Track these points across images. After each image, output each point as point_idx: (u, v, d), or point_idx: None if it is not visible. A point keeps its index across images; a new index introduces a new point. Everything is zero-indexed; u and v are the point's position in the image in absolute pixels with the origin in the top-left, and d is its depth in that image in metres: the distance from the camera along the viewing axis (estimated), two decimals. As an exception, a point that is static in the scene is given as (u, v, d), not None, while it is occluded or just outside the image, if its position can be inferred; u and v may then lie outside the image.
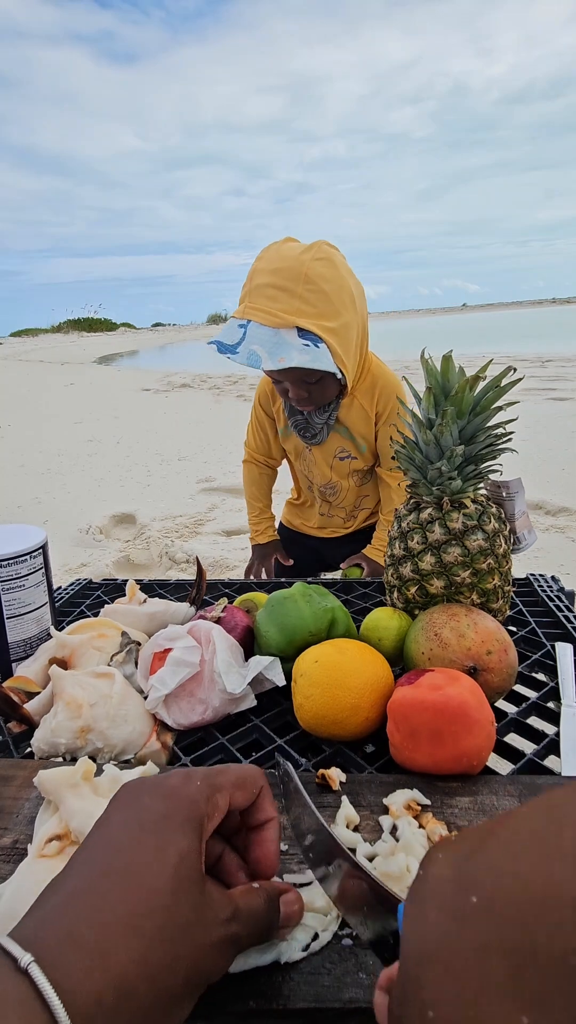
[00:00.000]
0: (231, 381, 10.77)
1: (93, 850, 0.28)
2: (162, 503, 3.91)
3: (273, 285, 0.90)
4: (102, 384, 11.87)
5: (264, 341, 0.89)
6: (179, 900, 0.26)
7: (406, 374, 1.04)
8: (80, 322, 73.35)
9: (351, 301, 0.93)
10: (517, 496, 0.69)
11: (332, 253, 0.93)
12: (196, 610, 0.72)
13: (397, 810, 0.42)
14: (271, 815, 0.34)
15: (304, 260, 0.89)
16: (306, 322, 0.89)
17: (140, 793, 0.30)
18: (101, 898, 0.25)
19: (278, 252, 0.93)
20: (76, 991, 0.22)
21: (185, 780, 0.31)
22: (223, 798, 0.31)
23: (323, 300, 0.89)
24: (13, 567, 0.66)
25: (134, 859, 0.27)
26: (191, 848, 0.28)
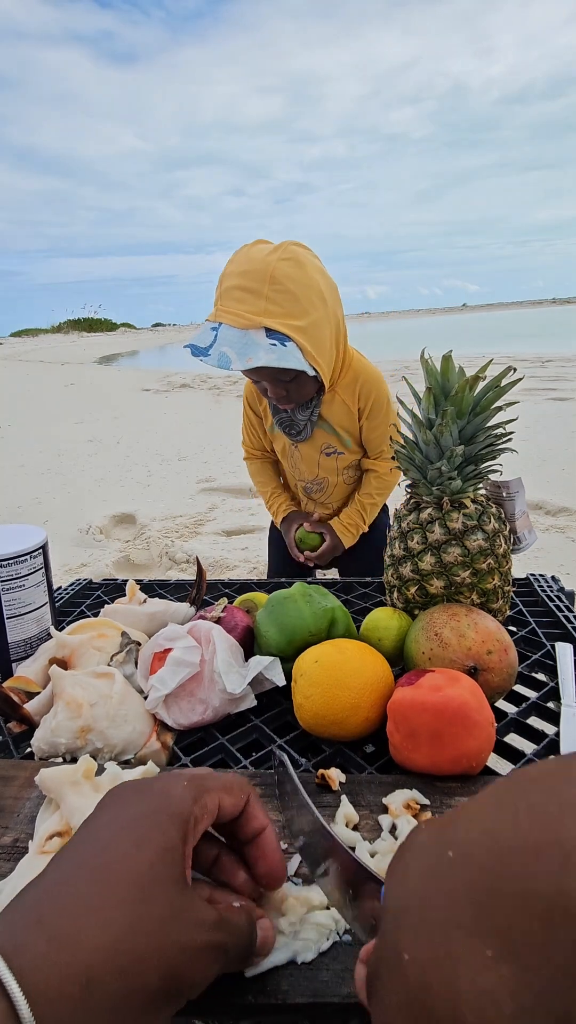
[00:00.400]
0: (231, 381, 10.77)
1: (74, 847, 0.28)
2: (162, 503, 3.91)
3: (240, 287, 0.91)
4: (102, 384, 11.87)
5: (233, 343, 0.90)
6: (154, 895, 0.26)
7: (406, 374, 1.04)
8: (80, 322, 73.35)
9: (320, 299, 0.94)
10: (517, 496, 0.69)
11: (299, 252, 0.94)
12: (196, 610, 0.72)
13: (396, 809, 0.42)
14: (264, 823, 0.33)
15: (270, 261, 0.90)
16: (272, 322, 0.90)
17: (126, 794, 0.30)
18: (74, 888, 0.25)
19: (246, 255, 0.94)
20: (39, 979, 0.22)
21: (172, 781, 0.30)
22: (211, 800, 0.31)
23: (289, 299, 0.91)
24: (13, 567, 0.66)
25: (112, 855, 0.26)
26: (172, 846, 0.27)
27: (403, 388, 0.71)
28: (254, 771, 0.50)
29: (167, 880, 0.26)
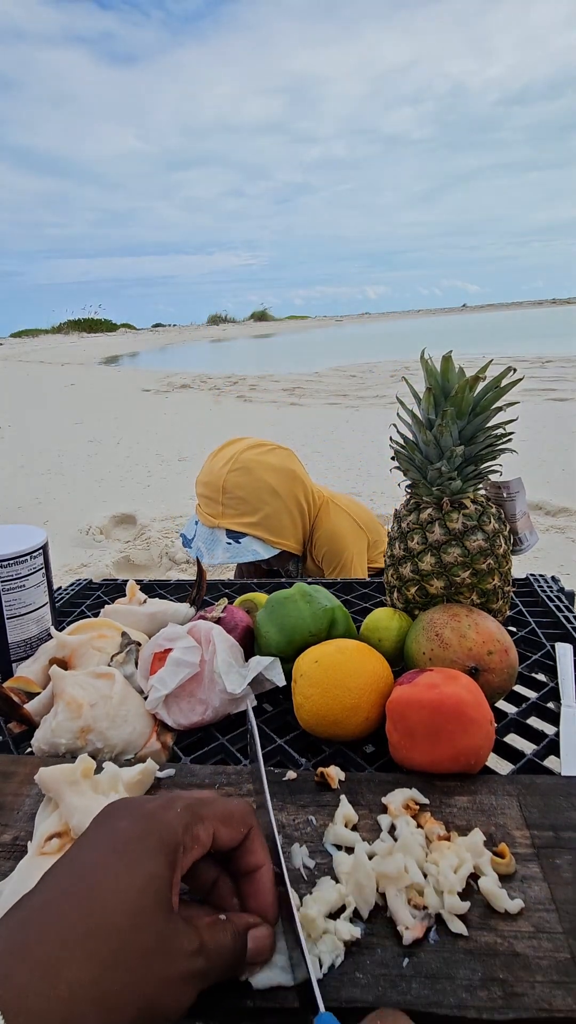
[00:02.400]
0: (231, 382, 10.77)
1: (61, 868, 0.27)
2: (162, 503, 3.91)
3: (204, 495, 1.17)
4: (102, 385, 11.87)
5: (204, 539, 1.15)
6: (140, 925, 0.25)
7: (406, 374, 1.05)
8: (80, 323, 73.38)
9: (271, 494, 1.15)
10: (517, 496, 0.69)
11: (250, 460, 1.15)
12: (196, 610, 0.72)
13: (395, 809, 0.42)
14: (260, 861, 0.32)
15: (222, 474, 1.14)
16: (228, 523, 1.13)
17: (117, 815, 0.30)
18: (59, 916, 0.25)
19: (209, 465, 1.18)
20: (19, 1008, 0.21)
21: (165, 805, 0.30)
22: (205, 831, 0.30)
23: (241, 503, 1.13)
24: (13, 567, 0.66)
25: (99, 880, 0.26)
26: (159, 874, 0.27)
27: (403, 388, 0.71)
28: (253, 770, 0.49)
29: (153, 909, 0.26)
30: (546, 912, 0.35)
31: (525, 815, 0.42)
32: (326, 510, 1.27)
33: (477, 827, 0.41)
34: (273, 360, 17.72)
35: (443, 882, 0.36)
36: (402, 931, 0.34)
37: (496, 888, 0.36)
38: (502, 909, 0.35)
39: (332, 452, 5.10)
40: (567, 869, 0.38)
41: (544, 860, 0.39)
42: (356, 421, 6.49)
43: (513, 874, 0.38)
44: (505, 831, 0.41)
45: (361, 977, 0.32)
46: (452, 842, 0.39)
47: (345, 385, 9.55)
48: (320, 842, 0.41)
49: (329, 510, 1.27)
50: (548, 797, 0.44)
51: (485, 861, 0.38)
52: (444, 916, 0.35)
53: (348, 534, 1.26)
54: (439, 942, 0.34)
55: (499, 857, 0.38)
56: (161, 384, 11.03)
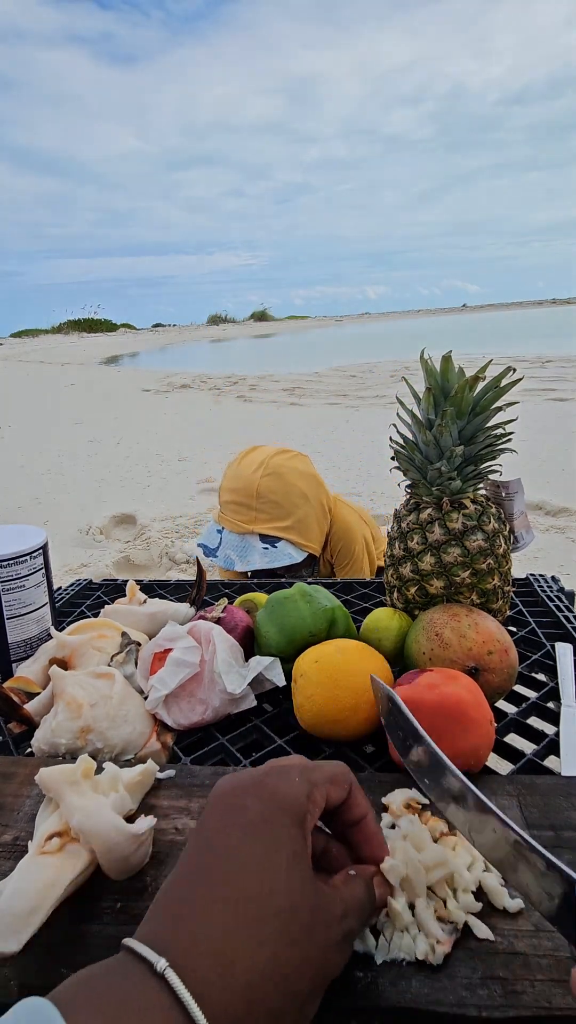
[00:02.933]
0: (231, 382, 10.77)
1: (202, 856, 0.28)
2: (162, 503, 3.91)
3: (234, 502, 1.15)
4: (102, 384, 11.87)
5: (235, 546, 1.14)
6: (296, 902, 0.26)
7: (406, 374, 1.06)
8: (80, 323, 73.38)
9: (302, 498, 1.16)
10: (517, 496, 0.69)
11: (280, 465, 1.16)
12: (196, 610, 0.72)
13: (397, 809, 0.42)
14: (365, 810, 0.34)
15: (254, 479, 1.13)
16: (263, 528, 1.13)
17: (242, 795, 0.30)
18: (218, 908, 0.25)
19: (236, 472, 1.17)
20: (207, 998, 0.23)
21: (283, 778, 0.31)
22: (320, 793, 0.31)
23: (275, 507, 1.13)
24: (13, 567, 0.66)
25: (245, 864, 0.27)
26: (300, 849, 0.28)
27: (403, 388, 0.71)
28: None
29: (302, 885, 0.27)
30: (546, 912, 0.35)
31: (525, 815, 0.42)
32: (336, 507, 1.30)
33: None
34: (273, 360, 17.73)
35: (458, 879, 0.36)
36: (432, 944, 0.33)
37: (499, 885, 0.36)
38: (501, 907, 0.35)
39: (332, 452, 5.10)
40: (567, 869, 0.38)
41: (544, 860, 0.39)
42: (356, 421, 6.49)
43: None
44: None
45: (362, 976, 0.32)
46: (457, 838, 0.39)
47: (345, 385, 9.55)
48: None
49: (338, 506, 1.30)
50: (548, 797, 0.44)
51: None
52: (471, 923, 0.34)
53: (355, 526, 1.29)
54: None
55: None
56: (161, 384, 11.03)
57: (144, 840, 0.39)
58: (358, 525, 1.30)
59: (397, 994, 0.31)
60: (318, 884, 0.28)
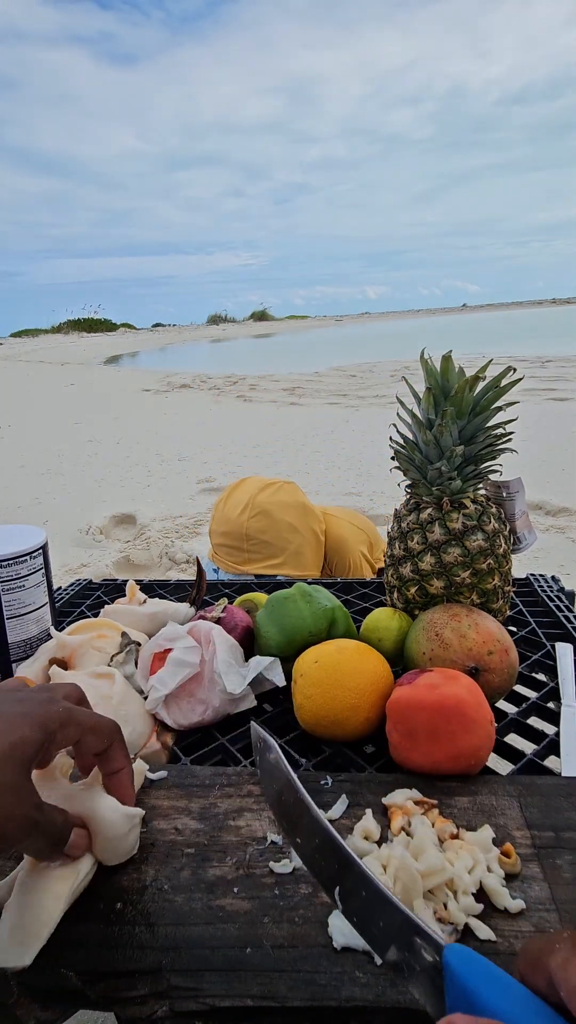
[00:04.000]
0: (231, 381, 10.77)
1: None
2: (162, 503, 3.91)
3: (225, 545, 1.18)
4: (102, 384, 11.87)
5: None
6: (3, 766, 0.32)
7: (406, 374, 1.06)
8: (80, 322, 73.38)
9: (292, 531, 1.17)
10: (517, 496, 0.69)
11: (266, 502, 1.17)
12: (196, 610, 0.72)
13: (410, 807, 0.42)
14: (120, 766, 0.40)
15: (242, 522, 1.16)
16: (256, 568, 1.15)
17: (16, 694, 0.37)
18: None
19: (223, 513, 1.19)
20: None
21: (49, 701, 0.36)
22: (74, 731, 0.36)
23: (267, 547, 1.15)
24: (13, 567, 0.66)
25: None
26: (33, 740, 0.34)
27: (403, 388, 0.71)
28: (254, 770, 0.49)
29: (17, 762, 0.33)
30: (546, 912, 0.35)
31: (525, 815, 0.42)
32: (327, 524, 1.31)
33: (486, 823, 0.41)
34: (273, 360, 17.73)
35: (458, 883, 0.36)
36: None
37: (500, 886, 0.36)
38: (502, 907, 0.35)
39: (332, 452, 5.10)
40: (567, 869, 0.38)
41: (544, 860, 0.39)
42: (356, 421, 6.49)
43: (517, 874, 0.38)
44: (505, 831, 0.41)
45: (361, 976, 0.32)
46: (464, 840, 0.39)
47: (345, 385, 9.55)
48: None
49: (330, 523, 1.32)
50: (548, 797, 0.44)
51: (492, 858, 0.38)
52: (472, 924, 0.34)
53: (349, 537, 1.30)
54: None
55: (505, 857, 0.38)
56: (161, 384, 11.03)
57: (136, 824, 0.40)
58: (352, 535, 1.31)
59: (397, 994, 0.31)
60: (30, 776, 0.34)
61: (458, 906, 0.35)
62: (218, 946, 0.35)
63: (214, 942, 0.35)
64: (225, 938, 0.35)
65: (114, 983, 0.33)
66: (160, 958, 0.34)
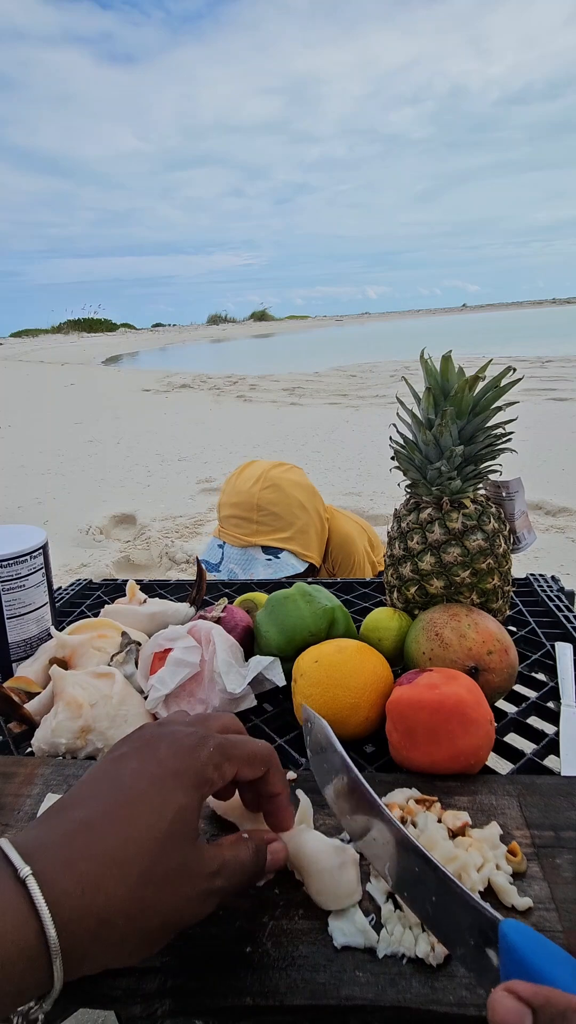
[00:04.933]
0: (231, 381, 10.77)
1: (102, 785, 0.31)
2: (162, 503, 3.91)
3: (235, 516, 1.17)
4: (102, 384, 11.87)
5: (237, 560, 1.16)
6: (167, 851, 0.29)
7: (406, 374, 1.06)
8: (80, 323, 73.40)
9: (301, 508, 1.18)
10: (517, 496, 0.69)
11: (279, 477, 1.18)
12: (196, 610, 0.72)
13: (413, 806, 0.42)
14: (278, 791, 0.37)
15: (254, 492, 1.16)
16: (265, 540, 1.14)
17: (158, 744, 0.33)
18: (100, 836, 0.28)
19: (234, 486, 1.19)
20: (63, 912, 0.26)
21: (200, 744, 0.33)
22: (230, 768, 0.34)
23: (276, 519, 1.15)
24: (13, 567, 0.66)
25: (136, 808, 0.30)
26: (189, 807, 0.31)
27: (403, 388, 0.71)
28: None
29: (181, 837, 0.30)
30: (546, 911, 0.35)
31: (525, 815, 0.42)
32: (333, 518, 1.32)
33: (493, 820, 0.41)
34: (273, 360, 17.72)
35: (465, 879, 0.36)
36: (433, 944, 0.33)
37: (508, 884, 0.36)
38: (510, 904, 0.35)
39: (332, 452, 5.10)
40: (567, 868, 0.38)
41: (544, 860, 0.39)
42: (356, 421, 6.49)
43: (523, 873, 0.38)
44: (505, 831, 0.41)
45: (361, 975, 0.32)
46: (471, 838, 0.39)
47: (345, 385, 9.55)
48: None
49: (335, 517, 1.32)
50: (548, 797, 0.44)
51: (500, 855, 0.38)
52: None
53: (356, 536, 1.31)
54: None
55: (511, 855, 0.38)
56: (161, 384, 11.03)
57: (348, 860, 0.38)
58: (358, 533, 1.31)
59: (397, 993, 0.31)
60: (197, 842, 0.31)
61: None
62: (218, 945, 0.35)
63: (214, 941, 0.35)
64: (225, 937, 0.35)
65: (114, 981, 0.33)
66: (160, 956, 0.34)
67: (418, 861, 0.32)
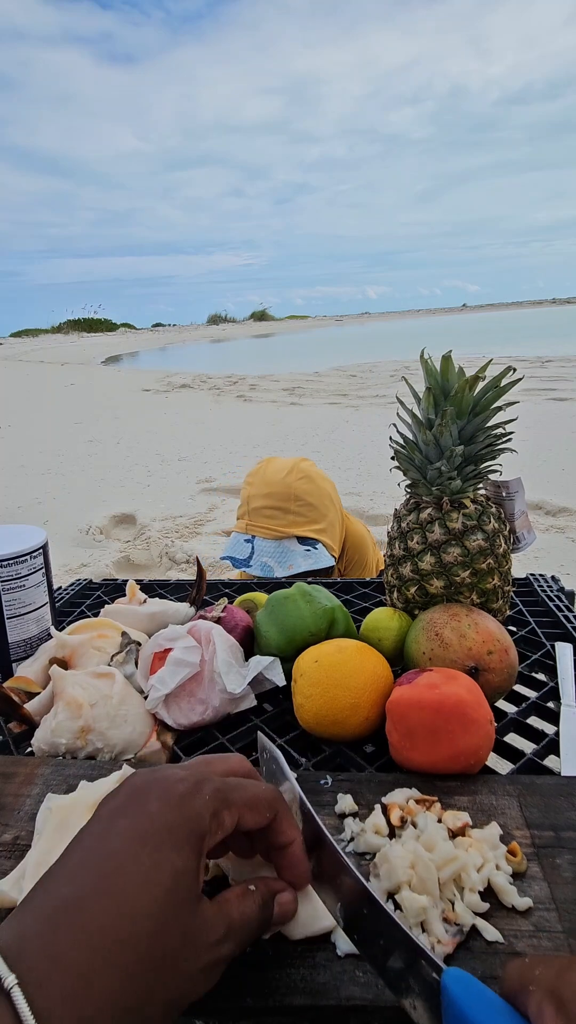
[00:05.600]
0: (231, 381, 10.77)
1: (89, 851, 0.27)
2: (162, 503, 3.91)
3: (269, 506, 1.13)
4: (102, 384, 11.87)
5: (271, 553, 1.10)
6: (166, 926, 0.26)
7: (406, 374, 1.07)
8: (80, 322, 73.43)
9: (331, 502, 1.17)
10: (517, 496, 0.69)
11: (308, 469, 1.16)
12: (196, 610, 0.72)
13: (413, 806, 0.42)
14: (290, 838, 0.33)
15: (289, 482, 1.12)
16: (302, 531, 1.11)
17: (147, 795, 0.29)
18: (90, 919, 0.25)
19: (264, 478, 1.16)
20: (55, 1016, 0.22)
21: (194, 790, 0.29)
22: (231, 816, 0.30)
23: (312, 510, 1.13)
24: (13, 567, 0.66)
25: (128, 877, 0.26)
26: (187, 868, 0.27)
27: (403, 388, 0.71)
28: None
29: (180, 906, 0.26)
30: (546, 911, 0.35)
31: (525, 815, 0.42)
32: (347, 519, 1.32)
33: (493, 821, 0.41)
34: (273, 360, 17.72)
35: (465, 879, 0.36)
36: (433, 943, 0.33)
37: (508, 884, 0.36)
38: (510, 904, 0.35)
39: (332, 452, 5.10)
40: (567, 869, 0.38)
41: (544, 860, 0.39)
42: (356, 421, 6.49)
43: (523, 873, 0.38)
44: (506, 831, 0.41)
45: (361, 976, 0.32)
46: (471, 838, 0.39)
47: (345, 385, 9.55)
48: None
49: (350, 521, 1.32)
50: (548, 797, 0.44)
51: (500, 855, 0.38)
52: (479, 925, 0.34)
53: (367, 536, 1.31)
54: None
55: (511, 855, 0.38)
56: (161, 384, 11.03)
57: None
58: (368, 535, 1.32)
59: (397, 994, 0.31)
60: (200, 906, 0.27)
61: (465, 907, 0.35)
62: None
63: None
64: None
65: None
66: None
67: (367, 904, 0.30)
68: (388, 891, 0.36)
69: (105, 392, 10.42)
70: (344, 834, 0.41)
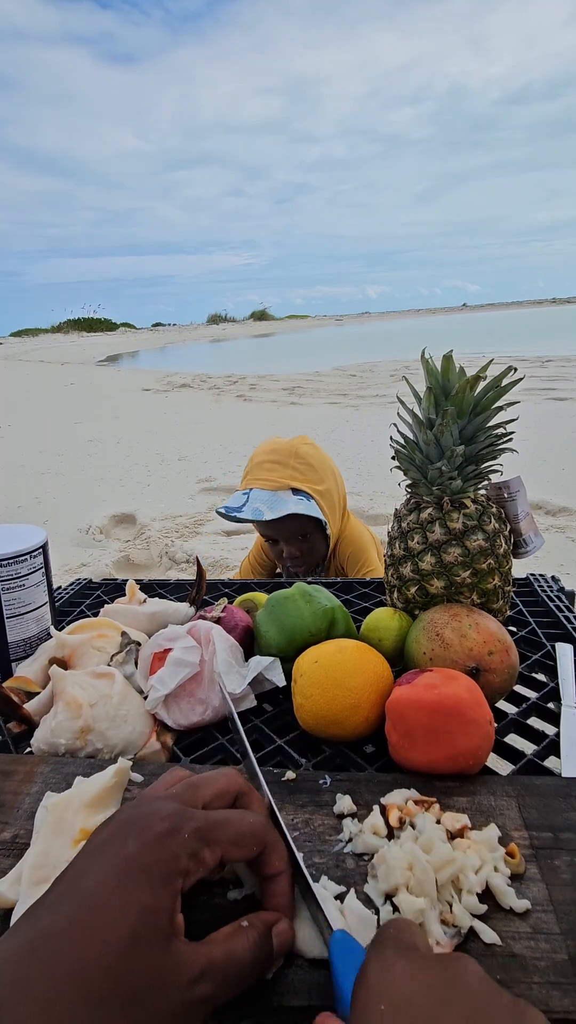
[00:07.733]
0: (231, 381, 10.77)
1: (69, 888, 0.28)
2: (162, 503, 3.91)
3: (271, 461, 1.17)
4: (102, 384, 11.87)
5: (265, 500, 1.11)
6: (131, 963, 0.25)
7: (406, 374, 1.07)
8: (80, 322, 73.43)
9: (332, 474, 1.20)
10: (519, 496, 0.69)
11: (314, 442, 1.21)
12: (196, 610, 0.72)
13: (411, 807, 0.42)
14: (278, 870, 0.33)
15: (294, 443, 1.17)
16: (299, 484, 1.14)
17: (127, 834, 0.30)
18: (60, 949, 0.25)
19: (272, 442, 1.21)
20: None
21: (173, 830, 0.29)
22: (212, 854, 0.30)
23: (311, 469, 1.16)
24: (13, 567, 0.66)
25: (98, 914, 0.26)
26: (157, 906, 0.27)
27: (403, 388, 0.71)
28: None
29: (148, 943, 0.26)
30: (544, 913, 0.35)
31: (524, 816, 0.42)
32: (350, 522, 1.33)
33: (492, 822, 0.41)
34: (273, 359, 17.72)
35: (463, 881, 0.36)
36: (431, 945, 0.33)
37: (506, 886, 0.36)
38: (508, 906, 0.35)
39: (332, 452, 5.07)
40: (565, 870, 0.38)
41: (542, 861, 0.39)
42: (356, 421, 6.49)
43: (521, 874, 0.38)
44: (504, 832, 0.41)
45: (360, 977, 0.32)
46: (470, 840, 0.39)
47: (345, 385, 9.55)
48: (318, 842, 0.41)
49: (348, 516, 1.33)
50: (547, 798, 0.44)
51: (498, 857, 0.38)
52: (477, 927, 0.34)
53: (367, 534, 1.32)
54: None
55: (509, 857, 0.38)
56: (161, 383, 11.03)
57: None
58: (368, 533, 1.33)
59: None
60: (172, 944, 0.27)
61: (463, 909, 0.35)
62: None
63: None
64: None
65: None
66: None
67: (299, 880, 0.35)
68: (386, 893, 0.36)
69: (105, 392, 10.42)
70: (343, 835, 0.41)
